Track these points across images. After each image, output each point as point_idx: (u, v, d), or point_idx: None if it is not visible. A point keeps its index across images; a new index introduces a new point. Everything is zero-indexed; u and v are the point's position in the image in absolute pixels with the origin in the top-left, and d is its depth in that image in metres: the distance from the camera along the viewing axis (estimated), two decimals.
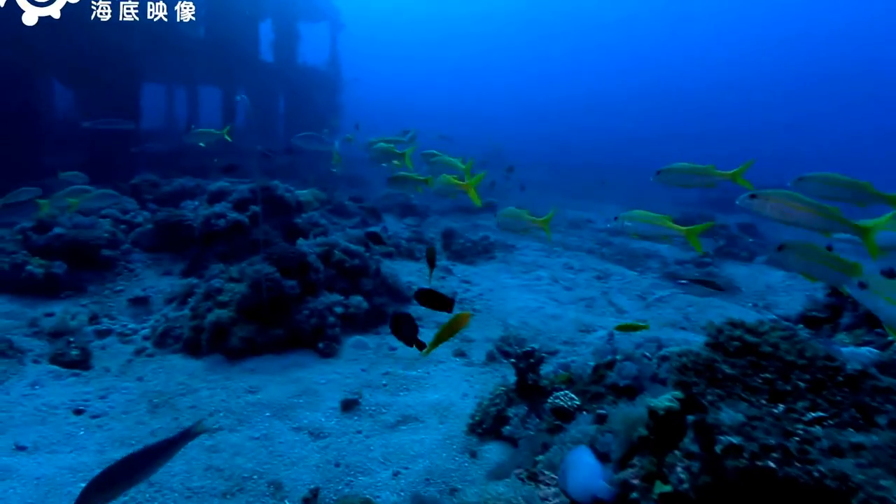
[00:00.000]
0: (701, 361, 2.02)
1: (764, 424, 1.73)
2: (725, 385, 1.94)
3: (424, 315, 6.64)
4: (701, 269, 10.47)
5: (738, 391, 1.92)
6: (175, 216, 7.58)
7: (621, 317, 7.37)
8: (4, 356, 4.87)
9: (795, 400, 1.87)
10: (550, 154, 45.50)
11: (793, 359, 1.96)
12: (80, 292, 6.48)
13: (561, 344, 6.11)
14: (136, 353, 5.31)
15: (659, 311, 7.57)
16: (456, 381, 4.86)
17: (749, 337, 2.03)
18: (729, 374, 1.97)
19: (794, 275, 10.67)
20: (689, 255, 12.22)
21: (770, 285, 9.68)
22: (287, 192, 8.10)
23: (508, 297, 7.61)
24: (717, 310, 7.51)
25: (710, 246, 12.83)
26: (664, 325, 6.99)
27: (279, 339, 5.28)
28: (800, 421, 1.79)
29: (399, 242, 9.75)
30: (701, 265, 10.77)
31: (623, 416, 2.19)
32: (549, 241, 9.64)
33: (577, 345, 6.10)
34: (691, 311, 7.55)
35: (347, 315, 5.80)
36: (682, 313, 7.45)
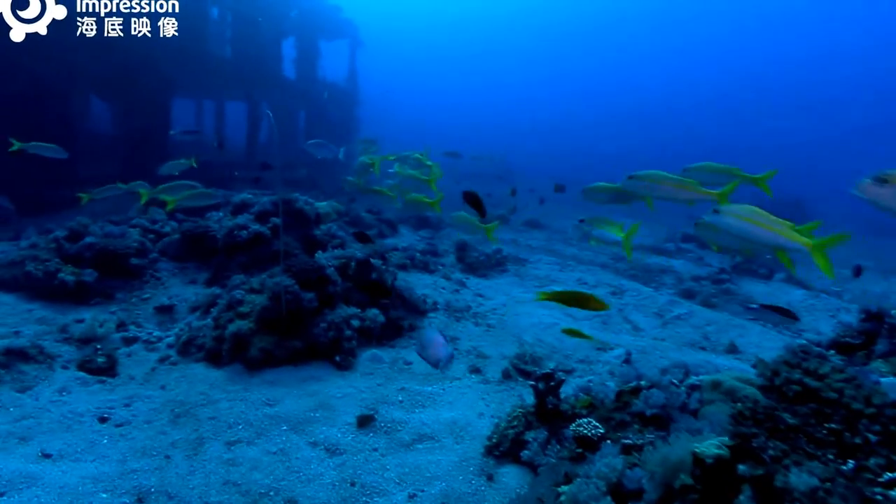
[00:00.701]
0: (760, 409, 1.84)
1: (839, 489, 1.56)
2: (788, 437, 1.76)
3: (440, 329, 6.55)
4: (718, 285, 10.22)
5: (803, 444, 1.74)
6: (200, 227, 7.57)
7: (638, 335, 7.21)
8: (35, 361, 4.85)
9: (867, 455, 1.69)
10: (574, 169, 45.43)
11: (860, 406, 1.76)
12: (110, 299, 6.48)
13: (577, 362, 5.96)
14: (161, 361, 5.27)
15: (677, 330, 7.39)
16: (472, 398, 4.74)
17: (810, 381, 1.84)
18: (791, 425, 1.78)
19: (815, 294, 10.44)
20: (704, 272, 12.00)
21: (790, 303, 9.44)
22: (307, 204, 8.07)
23: (522, 313, 7.47)
24: (736, 329, 7.33)
25: (727, 262, 12.58)
26: (683, 344, 6.81)
27: (297, 351, 5.21)
28: (876, 483, 1.61)
29: (414, 255, 9.67)
30: (718, 282, 10.52)
31: (661, 457, 2.02)
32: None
33: (594, 363, 5.96)
34: (710, 330, 7.36)
35: (364, 328, 5.71)
36: (700, 332, 7.27)
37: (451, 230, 15.19)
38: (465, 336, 6.45)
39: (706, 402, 2.71)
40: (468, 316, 7.17)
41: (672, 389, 2.93)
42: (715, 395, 2.72)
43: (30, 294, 6.18)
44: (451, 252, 11.24)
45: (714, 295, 9.65)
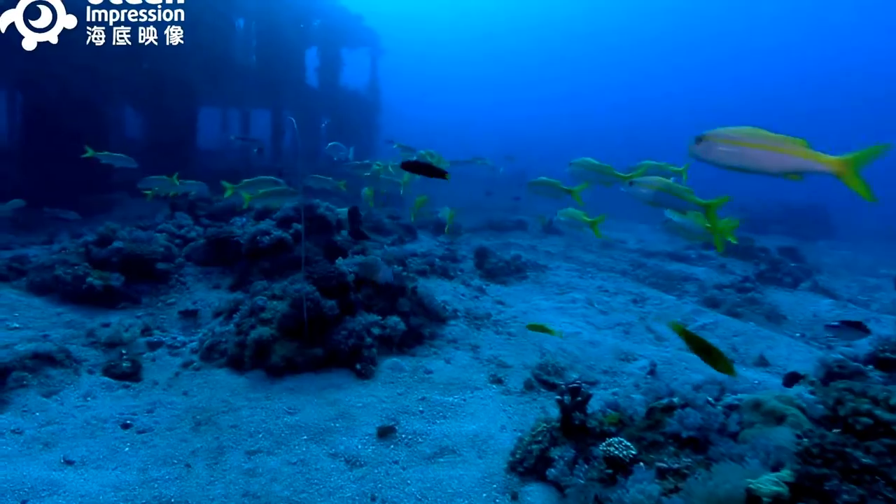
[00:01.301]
0: (829, 446, 1.65)
1: None
2: (863, 480, 1.56)
3: (460, 337, 6.41)
4: (742, 294, 9.90)
5: (882, 489, 1.54)
6: (224, 232, 7.54)
7: (661, 344, 6.98)
8: (62, 366, 4.82)
9: None
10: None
11: None
12: (136, 304, 6.46)
13: (600, 373, 5.77)
14: (184, 366, 5.21)
15: None
16: (493, 410, 4.58)
17: (882, 413, 1.64)
18: (866, 465, 1.59)
19: (842, 304, 10.07)
20: (727, 280, 11.66)
21: (818, 314, 9.11)
22: (328, 210, 8.00)
23: (543, 321, 7.28)
24: (765, 341, 7.05)
25: (751, 270, 12.23)
26: None
27: (318, 359, 5.11)
28: None
29: (433, 261, 9.53)
30: (742, 290, 10.19)
31: (708, 492, 1.84)
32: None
33: (618, 374, 5.76)
34: (738, 341, 7.09)
35: (384, 336, 5.60)
36: (728, 344, 7.00)
37: (469, 236, 15.04)
38: (485, 344, 6.29)
39: (746, 425, 2.53)
40: (488, 324, 7.01)
41: (708, 409, 2.74)
42: (756, 417, 2.53)
43: (59, 297, 6.19)
44: (469, 258, 11.10)
45: (739, 304, 9.34)
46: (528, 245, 14.16)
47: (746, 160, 2.65)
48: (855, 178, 2.48)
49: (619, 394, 5.18)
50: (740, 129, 2.67)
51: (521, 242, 14.43)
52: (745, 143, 2.64)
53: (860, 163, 2.48)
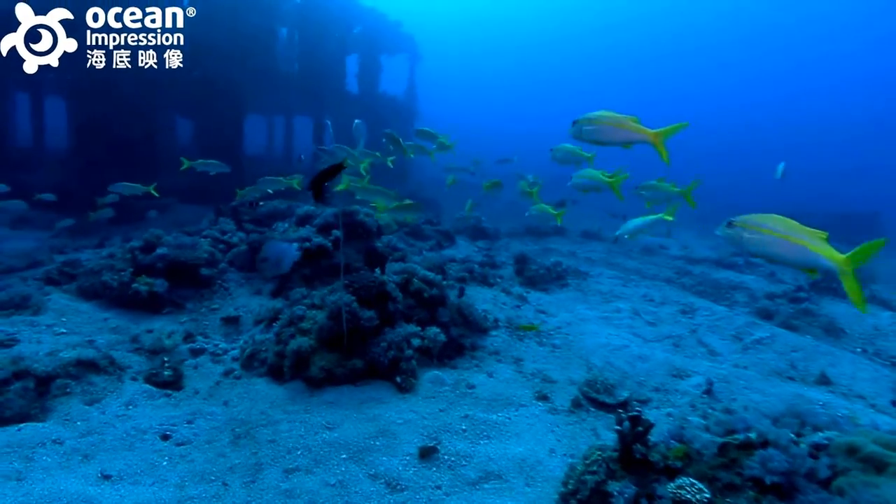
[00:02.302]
0: None
1: None
2: None
3: (502, 349, 6.12)
4: (796, 304, 9.28)
5: None
6: (266, 239, 7.45)
7: (715, 359, 6.52)
8: (106, 373, 4.77)
9: None
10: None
11: None
12: (180, 309, 6.43)
13: (652, 391, 5.39)
14: (225, 375, 5.10)
15: (759, 356, 6.63)
16: (540, 430, 4.28)
17: None
18: None
19: None
20: (779, 289, 11.00)
21: (878, 327, 8.44)
22: (367, 216, 7.84)
23: (588, 332, 6.94)
24: (825, 357, 6.51)
25: (803, 279, 11.51)
26: (768, 373, 6.08)
27: (357, 371, 4.91)
28: None
29: (472, 267, 9.26)
30: (796, 300, 9.56)
31: None
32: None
33: (671, 393, 5.36)
34: (797, 357, 6.56)
35: (424, 347, 5.36)
36: (786, 360, 6.48)
37: (508, 241, 14.72)
38: (529, 357, 5.99)
39: (840, 471, 2.18)
40: (531, 335, 6.69)
41: (793, 450, 2.39)
42: (851, 463, 2.18)
43: (106, 303, 6.20)
44: (508, 264, 10.78)
45: (794, 316, 8.73)
46: (567, 251, 13.73)
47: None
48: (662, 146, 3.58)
49: (674, 415, 4.81)
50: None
51: (560, 248, 14.00)
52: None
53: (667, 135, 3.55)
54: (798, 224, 2.69)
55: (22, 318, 5.49)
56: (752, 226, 2.79)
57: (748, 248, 2.85)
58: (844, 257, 2.50)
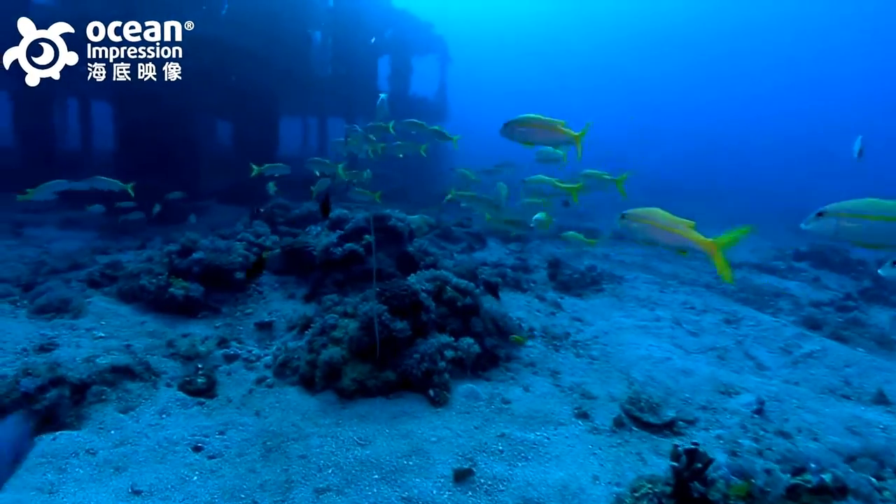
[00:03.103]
0: None
1: None
2: None
3: (538, 360, 5.86)
4: (844, 313, 8.72)
5: None
6: (299, 243, 7.37)
7: (763, 374, 6.12)
8: (141, 379, 4.70)
9: None
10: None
11: None
12: (215, 313, 6.36)
13: (698, 409, 5.04)
14: (258, 383, 4.97)
15: (810, 371, 6.19)
16: (582, 453, 4.02)
17: None
18: None
19: None
20: (825, 296, 10.43)
21: None
22: (399, 221, 7.66)
23: (627, 342, 6.61)
24: (881, 373, 6.05)
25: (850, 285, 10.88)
26: (821, 390, 5.65)
27: (389, 383, 4.73)
28: None
29: (505, 272, 9.00)
30: (843, 309, 9.00)
31: None
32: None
33: (719, 412, 5.01)
34: (850, 372, 6.11)
35: (457, 359, 5.14)
36: (839, 376, 6.03)
37: (539, 243, 14.38)
38: (566, 370, 5.71)
39: None
40: (568, 345, 6.41)
41: (876, 498, 2.08)
42: None
43: (144, 306, 6.18)
44: (541, 268, 10.48)
45: (843, 326, 8.21)
46: (601, 253, 13.31)
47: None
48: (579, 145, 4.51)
49: (724, 438, 4.48)
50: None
51: (594, 251, 13.58)
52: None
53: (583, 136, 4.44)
54: (673, 216, 3.20)
55: (62, 322, 5.50)
56: (639, 218, 3.28)
57: (637, 236, 3.33)
58: (711, 241, 2.98)
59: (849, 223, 2.84)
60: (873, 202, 2.74)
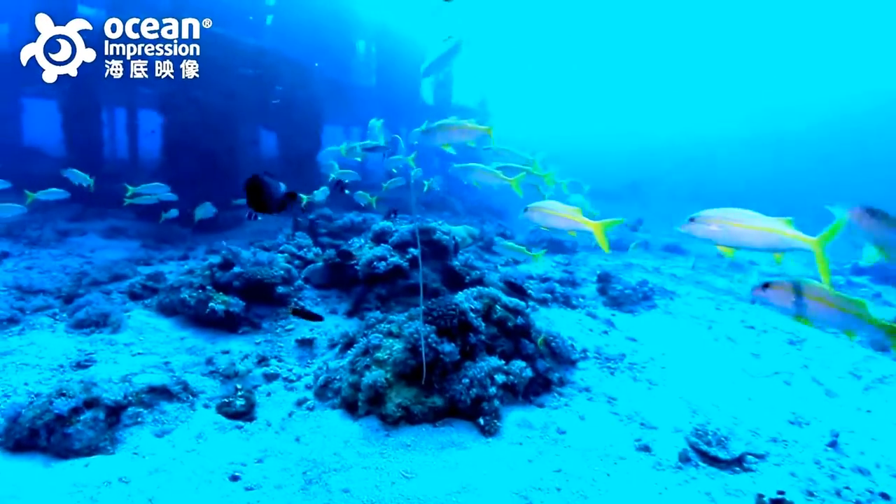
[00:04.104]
0: None
1: None
2: None
3: (593, 385, 5.45)
4: None
5: None
6: (342, 255, 7.15)
7: (833, 401, 5.54)
8: (178, 400, 4.54)
9: None
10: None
11: None
12: (256, 328, 6.20)
13: (768, 441, 4.56)
14: (298, 405, 4.75)
15: (883, 398, 5.57)
16: (646, 493, 3.61)
17: None
18: None
19: None
20: (890, 314, 9.57)
21: None
22: (444, 234, 7.37)
23: (686, 365, 6.12)
24: None
25: None
26: None
27: (436, 410, 4.42)
28: None
29: (553, 287, 8.59)
30: None
31: None
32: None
33: (790, 444, 4.52)
34: None
35: (509, 384, 4.78)
36: None
37: (586, 254, 13.87)
38: (623, 396, 5.28)
39: None
40: (623, 367, 5.96)
41: None
42: None
43: (184, 320, 6.07)
44: (590, 281, 10.00)
45: None
46: (651, 267, 12.69)
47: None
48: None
49: (798, 475, 3.99)
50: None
51: (643, 263, 12.98)
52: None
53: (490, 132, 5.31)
54: (565, 205, 3.88)
55: (101, 337, 5.42)
56: (540, 209, 3.85)
57: (539, 224, 3.86)
58: (596, 223, 3.70)
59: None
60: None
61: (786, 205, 13.34)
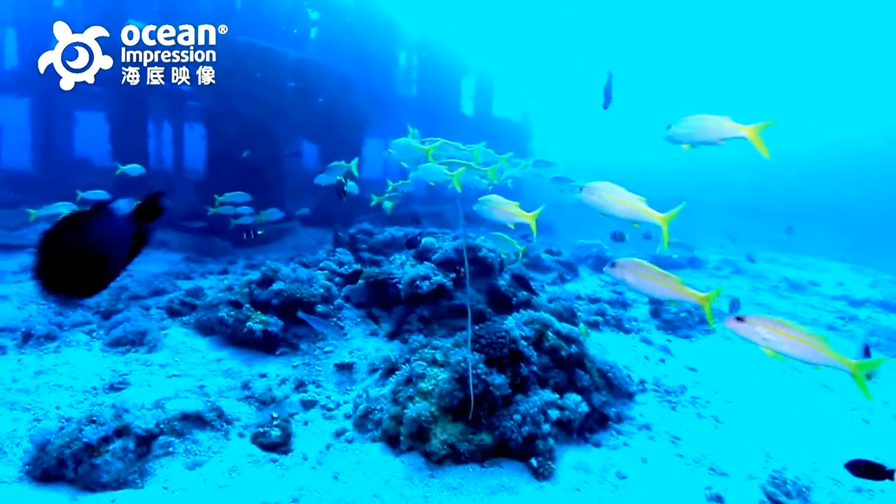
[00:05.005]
0: None
1: None
2: None
3: (654, 422, 4.99)
4: None
5: None
6: (383, 273, 6.91)
7: None
8: (212, 428, 4.33)
9: None
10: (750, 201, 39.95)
11: None
12: (294, 350, 5.98)
13: (852, 491, 4.08)
14: (336, 436, 4.47)
15: None
16: None
17: None
18: None
19: None
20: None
21: None
22: (490, 251, 7.03)
23: (755, 399, 5.60)
24: None
25: None
26: None
27: (485, 448, 4.07)
28: None
29: (604, 309, 8.12)
30: None
31: None
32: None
33: (875, 494, 4.02)
34: None
35: (563, 420, 4.39)
36: None
37: None
38: (688, 434, 4.80)
39: None
40: (685, 401, 5.48)
41: None
42: None
43: (221, 340, 5.91)
44: (640, 302, 9.47)
45: None
46: (704, 287, 12.00)
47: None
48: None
49: None
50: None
51: (696, 283, 12.29)
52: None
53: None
54: (507, 200, 4.11)
55: (136, 356, 5.29)
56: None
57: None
58: (531, 214, 4.02)
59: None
60: (613, 185, 3.40)
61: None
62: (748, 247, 19.57)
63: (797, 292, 13.10)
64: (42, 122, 15.79)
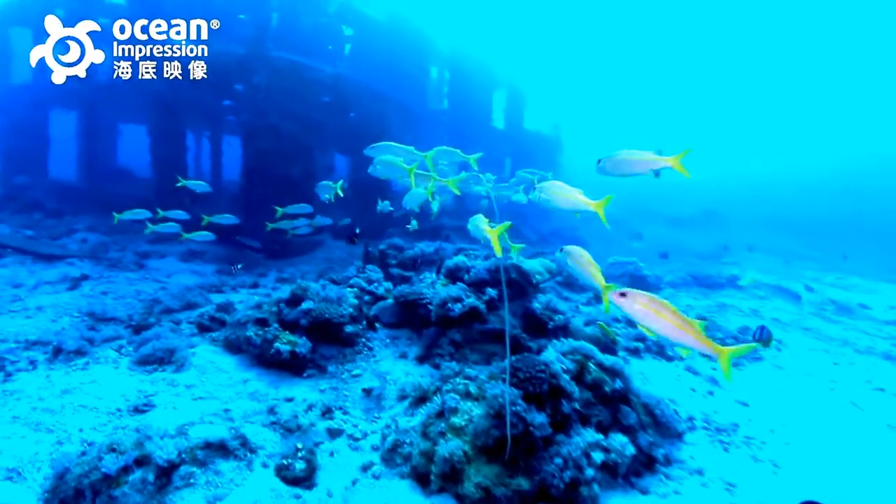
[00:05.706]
0: None
1: None
2: None
3: (706, 466, 4.54)
4: None
5: None
6: (414, 293, 6.63)
7: None
8: (235, 458, 4.08)
9: None
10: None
11: None
12: (322, 372, 5.73)
13: None
14: (363, 469, 4.17)
15: None
16: None
17: None
18: None
19: None
20: None
21: None
22: (525, 272, 6.69)
23: (813, 440, 5.08)
24: None
25: None
26: None
27: (523, 494, 3.70)
28: None
29: (642, 333, 7.64)
30: None
31: None
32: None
33: None
34: None
35: (608, 464, 4.00)
36: None
37: (672, 292, 12.69)
38: (744, 481, 4.34)
39: None
40: (739, 441, 5.00)
41: None
42: None
43: (249, 360, 5.71)
44: None
45: None
46: (749, 309, 11.36)
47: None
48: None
49: None
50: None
51: (739, 305, 11.66)
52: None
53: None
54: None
55: (163, 376, 5.11)
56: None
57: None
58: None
59: (545, 195, 3.87)
60: (560, 184, 3.81)
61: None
62: (793, 266, 18.67)
63: (845, 315, 12.29)
64: (88, 134, 16.18)
